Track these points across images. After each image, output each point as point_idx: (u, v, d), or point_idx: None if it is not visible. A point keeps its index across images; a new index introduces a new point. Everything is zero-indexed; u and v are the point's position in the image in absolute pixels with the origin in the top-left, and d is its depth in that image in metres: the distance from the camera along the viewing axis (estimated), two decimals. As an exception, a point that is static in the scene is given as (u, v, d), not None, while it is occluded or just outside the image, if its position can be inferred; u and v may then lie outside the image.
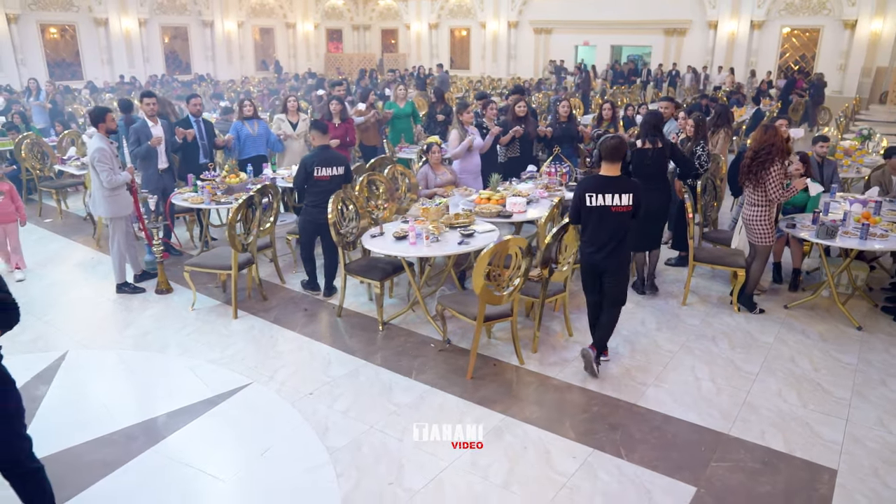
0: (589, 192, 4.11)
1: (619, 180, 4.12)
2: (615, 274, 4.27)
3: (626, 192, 4.10)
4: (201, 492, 3.37)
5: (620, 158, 4.12)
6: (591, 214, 4.16)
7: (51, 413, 4.00)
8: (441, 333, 4.93)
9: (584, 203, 4.14)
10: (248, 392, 4.27)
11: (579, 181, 4.76)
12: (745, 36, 19.63)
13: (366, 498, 3.28)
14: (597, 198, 4.09)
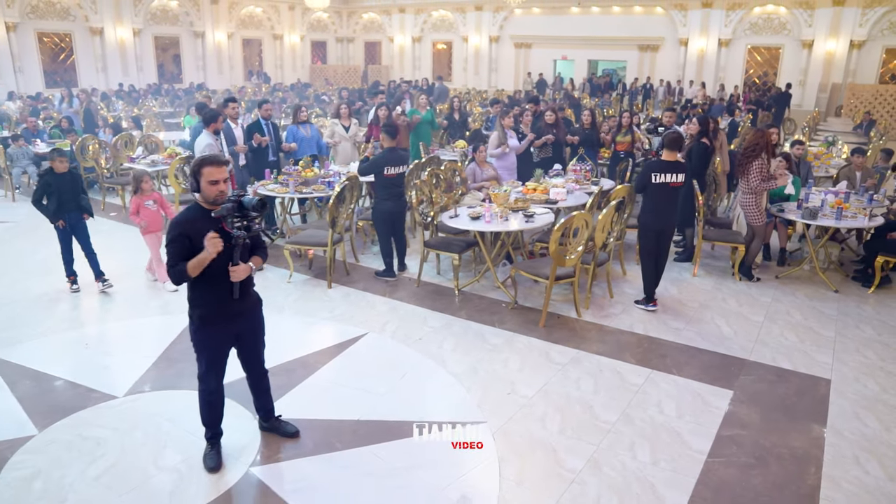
0: (655, 171, 5.40)
1: (676, 163, 5.45)
2: (671, 232, 5.69)
3: (680, 171, 5.45)
4: (364, 402, 4.41)
5: (679, 148, 5.45)
6: (656, 188, 5.44)
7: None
8: (510, 296, 6.07)
9: (651, 180, 5.42)
10: (368, 339, 5.33)
11: (647, 163, 5.98)
12: (713, 52, 21.36)
13: (495, 402, 4.39)
14: (661, 176, 5.39)
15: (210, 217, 3.41)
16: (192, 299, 3.52)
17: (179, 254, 3.34)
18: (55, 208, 5.95)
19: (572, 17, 24.26)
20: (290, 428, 3.97)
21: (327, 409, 4.29)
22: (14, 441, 3.91)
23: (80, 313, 5.96)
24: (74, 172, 6.20)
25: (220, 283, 3.43)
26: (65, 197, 5.98)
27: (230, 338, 3.64)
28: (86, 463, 3.72)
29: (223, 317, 3.54)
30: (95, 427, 4.08)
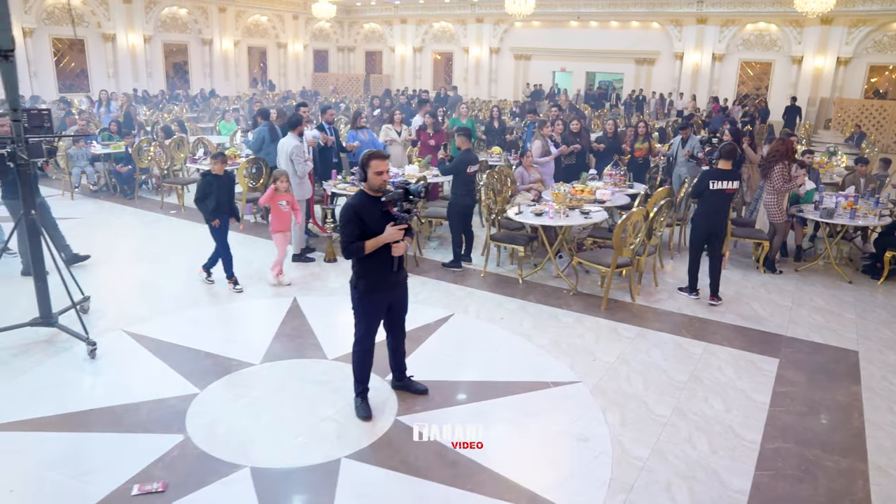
0: (712, 179, 6.20)
1: (731, 171, 6.24)
2: (722, 235, 6.48)
3: (735, 179, 6.26)
4: (472, 367, 5.15)
5: (734, 157, 6.24)
6: (712, 194, 6.22)
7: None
8: (570, 284, 6.85)
9: (708, 187, 6.20)
10: (456, 319, 6.07)
11: (704, 172, 6.75)
12: (707, 66, 22.45)
13: (583, 367, 5.14)
14: (717, 183, 6.18)
15: (375, 202, 4.14)
16: (359, 272, 4.23)
17: (353, 233, 4.07)
18: (213, 208, 6.43)
19: (571, 31, 25.24)
20: (420, 386, 4.69)
21: (443, 373, 5.01)
22: (184, 397, 4.58)
23: (190, 295, 6.60)
24: (231, 176, 6.65)
25: (382, 259, 4.16)
26: (222, 198, 6.44)
27: (386, 305, 4.35)
28: (254, 414, 4.41)
29: (383, 287, 4.27)
30: (248, 388, 4.77)
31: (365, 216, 4.07)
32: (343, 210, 4.19)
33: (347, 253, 4.13)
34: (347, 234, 4.09)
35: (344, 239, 4.12)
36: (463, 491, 3.66)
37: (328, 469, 3.81)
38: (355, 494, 3.60)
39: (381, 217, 4.11)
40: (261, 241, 8.45)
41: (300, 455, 3.94)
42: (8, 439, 4.06)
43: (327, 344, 5.44)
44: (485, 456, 3.95)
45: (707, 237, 6.46)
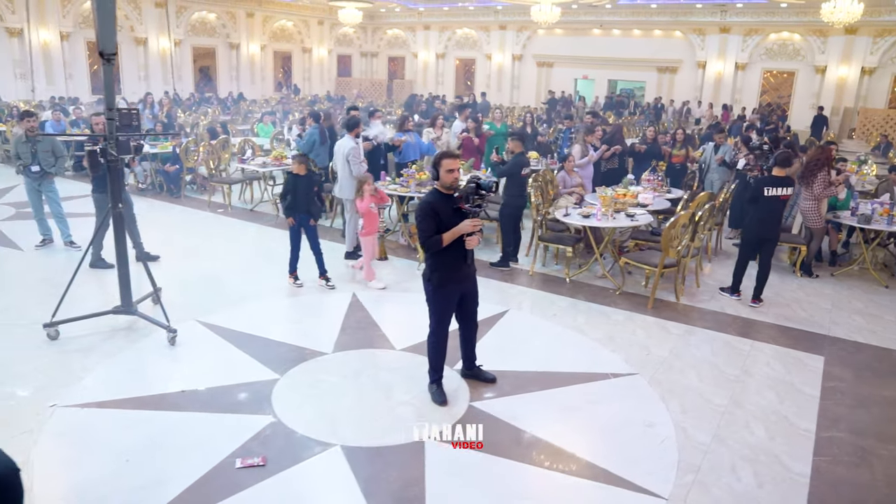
0: (767, 186, 6.44)
1: (785, 178, 6.48)
2: (775, 240, 6.71)
3: (789, 185, 6.49)
4: (534, 358, 5.41)
5: (789, 165, 6.48)
6: (767, 200, 6.46)
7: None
8: (615, 284, 7.11)
9: (763, 193, 6.43)
10: (511, 314, 6.33)
11: (759, 179, 7.00)
12: (730, 75, 22.65)
13: (637, 360, 5.40)
14: (772, 189, 6.41)
15: (448, 199, 4.43)
16: (433, 265, 4.52)
17: (431, 228, 4.36)
18: (287, 205, 6.68)
19: (594, 39, 25.51)
20: (489, 375, 4.96)
21: (507, 363, 5.29)
22: (266, 382, 4.88)
23: (251, 289, 6.91)
24: (313, 177, 6.82)
25: (455, 253, 4.44)
26: (299, 198, 6.65)
27: (458, 296, 4.63)
28: (335, 398, 4.70)
29: (456, 279, 4.55)
30: (325, 374, 5.06)
31: (440, 211, 4.36)
32: (420, 207, 4.48)
33: (427, 246, 4.42)
34: (425, 228, 4.38)
35: (422, 234, 4.41)
36: (542, 469, 3.94)
37: (414, 448, 4.09)
38: (443, 471, 3.87)
39: (453, 213, 4.40)
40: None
41: (386, 435, 4.22)
42: (116, 415, 4.38)
43: (393, 336, 5.73)
44: (558, 438, 4.22)
45: (760, 242, 6.69)
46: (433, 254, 4.48)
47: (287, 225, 6.97)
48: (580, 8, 23.68)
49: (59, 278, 7.14)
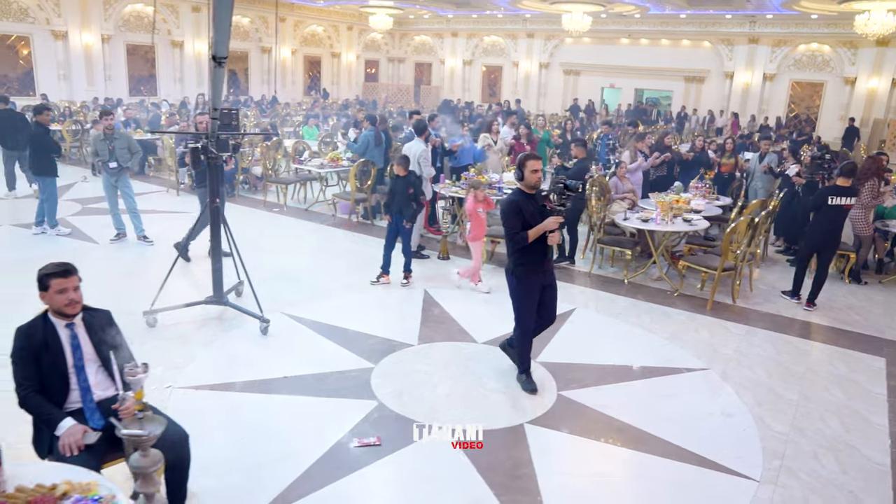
0: (832, 195, 6.70)
1: (849, 188, 6.75)
2: (836, 248, 6.96)
3: (853, 195, 6.76)
4: (608, 352, 5.71)
5: (853, 175, 6.75)
6: (829, 209, 6.72)
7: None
8: (672, 285, 7.40)
9: (827, 202, 6.69)
10: (578, 313, 6.62)
11: (824, 188, 7.24)
12: (757, 86, 22.88)
13: (706, 357, 5.68)
14: (836, 199, 6.68)
15: (531, 198, 4.76)
16: (516, 260, 4.83)
17: (517, 224, 4.69)
18: (385, 203, 6.96)
19: (621, 48, 25.80)
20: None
21: (585, 356, 5.60)
22: (362, 370, 5.19)
23: (325, 284, 7.23)
24: (409, 178, 7.06)
25: (537, 248, 4.77)
26: (396, 198, 6.97)
27: (539, 288, 4.94)
28: (431, 386, 5.01)
29: (537, 272, 4.87)
30: (416, 364, 5.37)
31: (524, 210, 4.69)
32: (506, 205, 4.81)
33: (514, 241, 4.73)
34: (512, 224, 4.70)
35: (509, 229, 4.73)
36: (637, 451, 4.23)
37: (515, 431, 4.40)
38: (547, 453, 4.17)
39: (535, 211, 4.73)
40: (369, 239, 9.09)
41: (486, 420, 4.52)
42: (227, 398, 4.71)
43: (472, 330, 6.04)
44: (647, 425, 4.51)
45: (819, 249, 6.95)
46: (517, 249, 4.79)
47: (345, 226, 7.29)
48: (609, 17, 24.00)
49: (139, 270, 7.60)
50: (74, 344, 3.26)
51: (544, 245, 4.79)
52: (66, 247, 8.20)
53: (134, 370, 2.77)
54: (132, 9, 22.99)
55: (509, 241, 4.80)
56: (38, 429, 3.23)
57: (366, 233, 9.44)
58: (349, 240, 9.16)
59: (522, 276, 4.85)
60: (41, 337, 3.19)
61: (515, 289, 4.93)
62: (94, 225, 9.20)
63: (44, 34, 21.02)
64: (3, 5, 19.96)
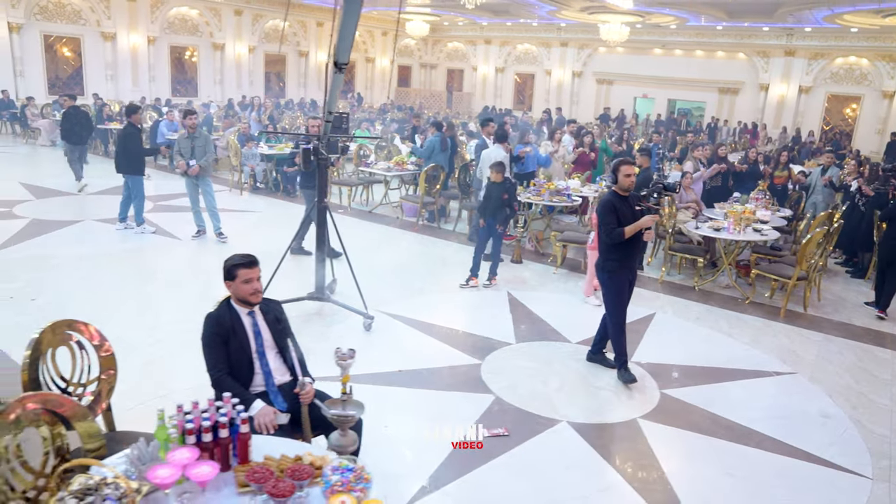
0: None
1: None
2: None
3: None
4: (691, 353, 5.97)
5: None
6: None
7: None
8: (742, 293, 7.64)
9: None
10: (658, 317, 6.88)
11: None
12: (793, 98, 23.01)
13: (791, 361, 5.93)
14: None
15: (624, 199, 5.13)
16: (608, 255, 5.19)
17: (613, 222, 5.05)
18: (480, 208, 7.22)
19: (655, 58, 26.02)
20: (611, 362, 5.47)
21: (675, 358, 5.86)
22: (470, 365, 5.49)
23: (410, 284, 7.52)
24: (506, 185, 7.25)
25: (630, 245, 5.15)
26: (491, 203, 7.22)
27: (627, 283, 5.28)
28: (540, 381, 5.29)
29: (627, 267, 5.25)
30: (520, 360, 5.66)
31: (618, 210, 5.06)
32: (603, 205, 5.17)
33: (610, 237, 5.08)
34: (608, 222, 5.07)
35: (606, 226, 5.07)
36: (748, 447, 4.49)
37: (630, 426, 4.68)
38: (665, 446, 4.44)
39: (628, 211, 5.09)
40: (438, 241, 9.40)
41: (601, 414, 4.81)
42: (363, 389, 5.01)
43: (563, 330, 6.33)
44: (751, 423, 4.77)
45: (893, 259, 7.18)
46: (610, 245, 5.13)
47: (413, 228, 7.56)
48: (644, 28, 24.22)
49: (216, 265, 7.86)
50: (256, 331, 3.56)
51: (636, 243, 5.18)
52: (155, 242, 8.60)
53: (344, 355, 3.06)
54: (177, 12, 23.50)
55: (605, 236, 5.12)
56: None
57: (433, 235, 9.75)
58: (419, 242, 9.46)
59: (612, 270, 5.21)
60: (229, 323, 3.49)
61: (607, 283, 5.29)
62: (170, 221, 9.57)
63: (94, 35, 21.56)
64: (58, 8, 20.52)
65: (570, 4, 21.27)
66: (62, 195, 11.15)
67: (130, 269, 7.64)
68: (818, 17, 18.56)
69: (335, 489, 2.31)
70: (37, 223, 9.10)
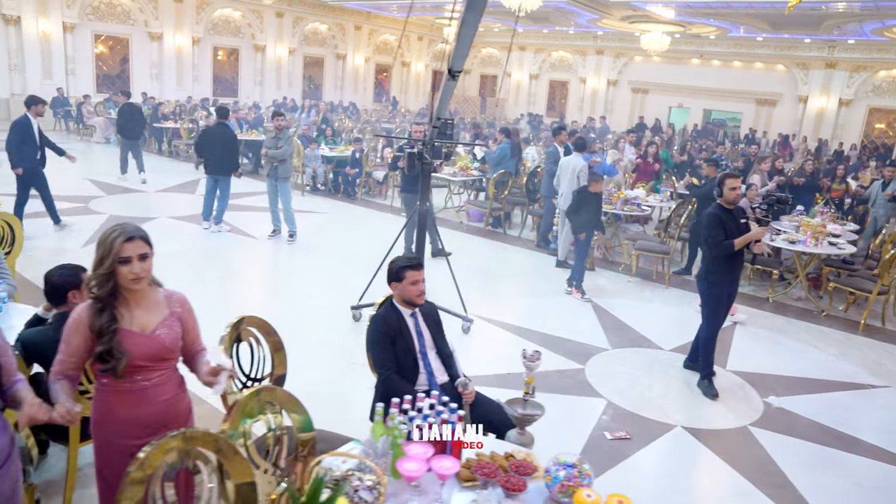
0: None
1: None
2: None
3: None
4: (780, 363, 6.08)
5: None
6: None
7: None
8: (818, 305, 7.75)
9: None
10: (741, 328, 6.99)
11: None
12: (832, 111, 22.96)
13: (875, 373, 6.02)
14: None
15: (730, 213, 5.23)
16: (711, 267, 5.31)
17: (720, 234, 5.15)
18: (583, 221, 7.33)
19: (691, 68, 26.05)
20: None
21: (766, 367, 5.99)
22: (574, 370, 5.64)
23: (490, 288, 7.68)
24: (599, 195, 7.46)
25: (735, 258, 5.28)
26: (592, 216, 7.38)
27: (727, 295, 5.41)
28: (645, 386, 5.45)
29: (729, 280, 5.37)
30: (619, 366, 5.81)
31: (724, 222, 5.17)
32: (709, 218, 5.27)
33: (719, 249, 5.17)
34: (716, 234, 5.17)
35: (713, 239, 5.18)
36: (866, 458, 4.60)
37: (742, 432, 4.82)
38: (782, 452, 4.57)
39: (733, 224, 5.20)
40: (507, 246, 9.56)
41: (710, 420, 4.95)
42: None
43: (654, 337, 6.48)
44: (858, 433, 4.89)
45: None
46: (714, 257, 5.24)
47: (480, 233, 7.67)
48: (682, 37, 24.26)
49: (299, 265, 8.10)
50: (418, 331, 3.74)
51: (741, 256, 5.33)
52: (233, 240, 8.85)
53: (532, 356, 3.22)
54: (221, 13, 23.85)
55: (713, 248, 5.22)
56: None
57: (500, 240, 9.91)
58: (489, 247, 9.63)
59: (714, 282, 5.33)
60: (395, 324, 3.66)
61: (706, 293, 5.40)
62: (242, 221, 9.79)
63: (141, 35, 21.94)
64: (110, 8, 20.91)
65: (611, 13, 21.38)
66: (129, 192, 11.43)
67: (219, 266, 7.88)
68: (867, 29, 18.55)
69: (565, 485, 2.47)
70: (115, 220, 9.34)
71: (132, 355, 2.38)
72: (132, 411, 2.46)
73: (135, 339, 2.42)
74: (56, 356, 2.42)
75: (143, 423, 2.46)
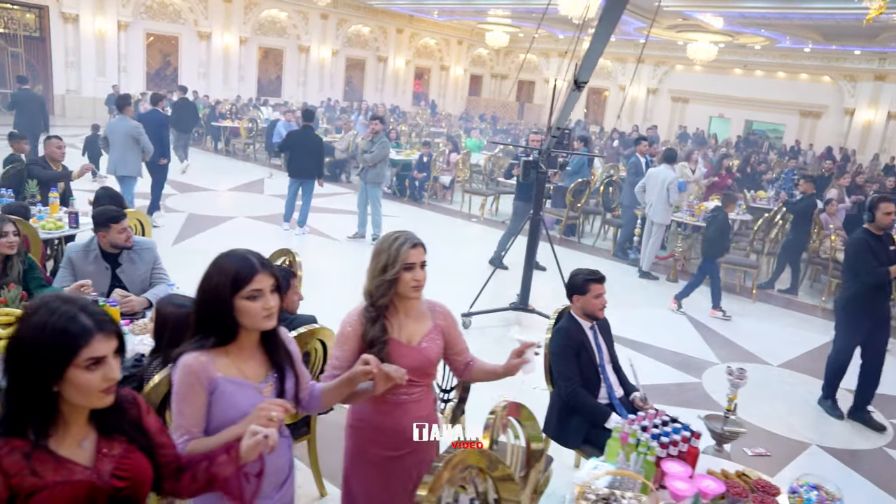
0: None
1: None
2: None
3: None
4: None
5: None
6: None
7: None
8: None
9: None
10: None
11: None
12: (881, 124, 22.74)
13: None
14: None
15: (878, 238, 5.01)
16: (851, 295, 5.15)
17: (871, 262, 4.94)
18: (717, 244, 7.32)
19: (734, 78, 25.93)
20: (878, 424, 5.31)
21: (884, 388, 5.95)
22: (692, 384, 5.65)
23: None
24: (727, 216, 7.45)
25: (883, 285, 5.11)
26: (727, 238, 7.46)
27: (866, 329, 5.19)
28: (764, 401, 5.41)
29: (869, 314, 5.14)
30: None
31: (874, 250, 4.98)
32: (858, 245, 5.10)
33: (872, 277, 4.99)
34: (867, 261, 4.96)
35: (865, 266, 4.98)
36: None
37: (880, 454, 4.81)
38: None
39: (882, 251, 5.01)
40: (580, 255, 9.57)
41: (843, 440, 4.95)
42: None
43: (761, 353, 6.47)
44: None
45: None
46: (863, 283, 5.05)
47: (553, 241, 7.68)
48: (727, 47, 24.14)
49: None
50: (597, 344, 3.77)
51: (890, 284, 5.16)
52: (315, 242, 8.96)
53: (739, 374, 3.26)
54: (267, 14, 24.10)
55: (866, 276, 5.00)
56: (564, 420, 3.71)
57: (575, 249, 9.92)
58: (565, 255, 9.60)
59: (852, 312, 5.18)
60: (577, 336, 3.69)
61: (843, 322, 5.29)
62: (320, 222, 9.87)
63: (191, 34, 22.22)
64: (161, 7, 21.20)
65: (659, 22, 21.34)
66: (202, 190, 11.57)
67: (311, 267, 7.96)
68: (924, 43, 18.40)
69: (820, 508, 2.49)
70: (195, 218, 9.49)
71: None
72: (392, 423, 2.47)
73: (402, 350, 2.44)
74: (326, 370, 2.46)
75: (401, 436, 2.43)
